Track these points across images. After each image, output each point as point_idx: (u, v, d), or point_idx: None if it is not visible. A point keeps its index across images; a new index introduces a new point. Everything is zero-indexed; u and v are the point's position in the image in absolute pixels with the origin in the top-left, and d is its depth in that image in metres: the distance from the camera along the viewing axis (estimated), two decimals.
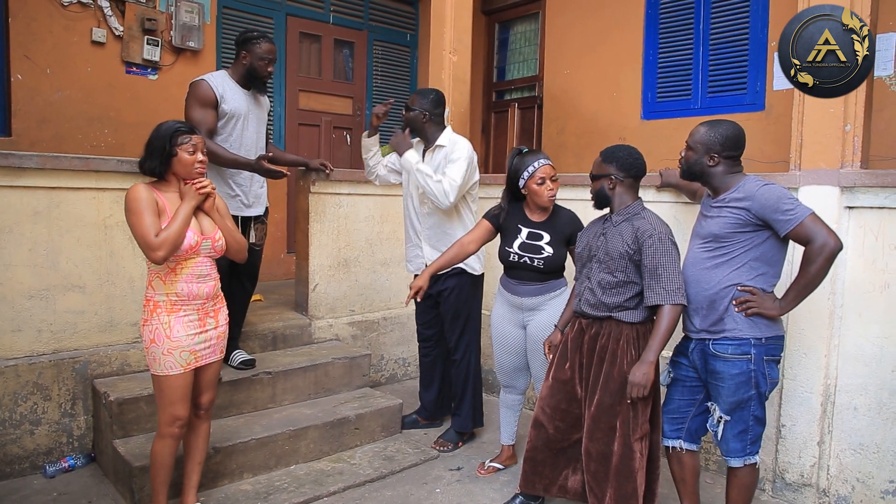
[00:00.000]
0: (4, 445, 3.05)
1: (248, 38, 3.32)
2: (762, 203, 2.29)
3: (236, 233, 2.67)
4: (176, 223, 2.38)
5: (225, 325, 2.64)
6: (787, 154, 3.32)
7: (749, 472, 2.47)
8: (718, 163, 2.41)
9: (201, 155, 2.50)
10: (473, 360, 3.59)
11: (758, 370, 2.36)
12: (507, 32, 6.63)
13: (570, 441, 2.69)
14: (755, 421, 2.42)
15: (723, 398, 2.41)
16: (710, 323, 2.41)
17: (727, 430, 2.43)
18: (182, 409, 2.50)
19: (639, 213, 2.54)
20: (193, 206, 2.46)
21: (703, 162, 2.43)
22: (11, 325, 3.10)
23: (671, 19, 4.97)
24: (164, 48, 4.93)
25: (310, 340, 4.13)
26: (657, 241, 2.43)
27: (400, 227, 4.50)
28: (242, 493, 2.98)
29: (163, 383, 2.46)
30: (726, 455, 2.48)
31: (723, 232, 2.39)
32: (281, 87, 5.80)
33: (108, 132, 4.76)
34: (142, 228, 2.35)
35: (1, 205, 3.05)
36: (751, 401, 2.38)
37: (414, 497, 3.06)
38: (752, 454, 2.45)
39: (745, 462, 2.45)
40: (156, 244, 2.34)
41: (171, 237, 2.36)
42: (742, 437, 2.42)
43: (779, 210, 2.27)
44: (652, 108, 5.11)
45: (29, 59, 4.39)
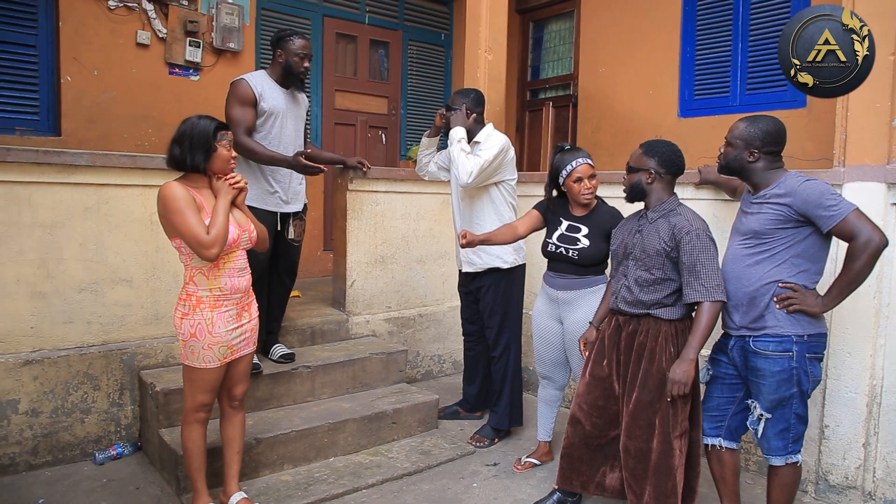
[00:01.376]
0: (57, 433, 3.17)
1: (281, 37, 3.38)
2: (804, 199, 2.26)
3: (259, 223, 2.73)
4: (220, 219, 2.43)
5: (257, 319, 2.71)
6: (828, 152, 3.27)
7: (791, 471, 2.43)
8: (758, 158, 2.38)
9: (234, 152, 2.58)
10: (513, 358, 3.61)
11: (800, 368, 2.33)
12: (541, 31, 6.63)
13: (608, 438, 2.69)
14: (797, 419, 2.38)
15: (763, 395, 2.39)
16: (751, 320, 2.39)
17: (768, 428, 2.40)
18: (210, 397, 2.57)
19: (675, 210, 2.53)
20: (229, 201, 2.51)
21: (743, 157, 2.41)
22: (63, 317, 3.22)
23: (709, 15, 4.92)
24: (205, 49, 5.04)
25: (347, 336, 4.18)
26: (695, 238, 2.42)
27: (436, 224, 4.55)
28: (283, 483, 3.04)
29: (196, 374, 2.52)
30: (767, 453, 2.45)
31: (763, 228, 2.36)
32: (317, 87, 5.88)
33: (151, 131, 4.89)
34: (190, 227, 2.37)
35: (53, 201, 3.16)
36: (792, 398, 2.35)
37: (451, 491, 3.09)
38: (794, 453, 2.42)
39: (786, 461, 2.41)
40: (209, 241, 2.37)
41: (222, 233, 2.41)
42: (784, 435, 2.39)
43: (821, 206, 2.23)
44: (689, 106, 5.06)
45: (77, 61, 4.53)
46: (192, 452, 2.60)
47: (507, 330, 3.55)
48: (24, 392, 3.08)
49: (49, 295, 3.17)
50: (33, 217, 3.10)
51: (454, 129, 3.47)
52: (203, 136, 2.48)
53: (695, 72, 5.02)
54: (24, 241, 3.09)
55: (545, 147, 6.38)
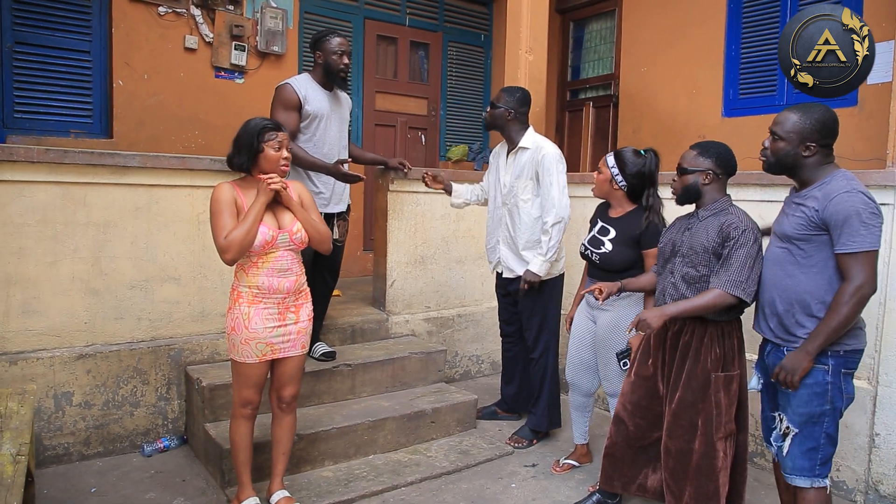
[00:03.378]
0: (108, 424, 3.28)
1: (319, 38, 3.42)
2: (834, 209, 2.08)
3: (320, 224, 2.67)
4: (245, 223, 2.44)
5: (307, 322, 2.68)
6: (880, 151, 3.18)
7: (818, 496, 2.23)
8: (815, 152, 2.19)
9: (286, 152, 2.57)
10: (551, 360, 3.60)
11: (834, 383, 2.17)
12: (581, 31, 6.58)
13: (651, 439, 2.66)
14: (827, 439, 2.20)
15: (793, 408, 2.22)
16: (786, 330, 2.26)
17: (794, 446, 2.23)
18: (253, 394, 2.59)
19: (726, 209, 2.49)
20: (264, 203, 2.49)
21: (798, 153, 2.20)
22: (115, 313, 3.33)
23: (755, 12, 4.82)
24: (249, 53, 5.15)
25: (387, 335, 4.22)
26: (741, 235, 2.37)
27: (475, 225, 4.56)
28: (324, 479, 3.09)
29: (239, 369, 2.58)
30: (791, 473, 2.25)
31: (795, 233, 2.20)
32: (358, 89, 5.96)
33: (197, 133, 5.01)
34: (216, 230, 2.46)
35: (106, 201, 3.27)
36: (824, 416, 2.18)
37: (490, 491, 3.09)
38: (822, 476, 2.23)
39: (813, 484, 2.22)
40: (222, 246, 2.42)
41: (238, 238, 2.42)
42: (812, 455, 2.21)
43: (846, 225, 2.06)
44: (733, 105, 4.96)
45: (129, 65, 4.68)
46: (237, 446, 2.66)
47: (547, 332, 3.54)
48: (78, 385, 3.20)
49: (101, 292, 3.28)
50: (87, 216, 3.22)
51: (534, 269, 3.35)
52: (249, 137, 2.54)
53: (740, 70, 4.92)
54: (79, 239, 3.21)
55: (585, 148, 6.32)
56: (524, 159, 3.44)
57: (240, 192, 2.55)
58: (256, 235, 2.46)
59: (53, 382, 3.14)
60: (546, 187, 3.34)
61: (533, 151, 3.42)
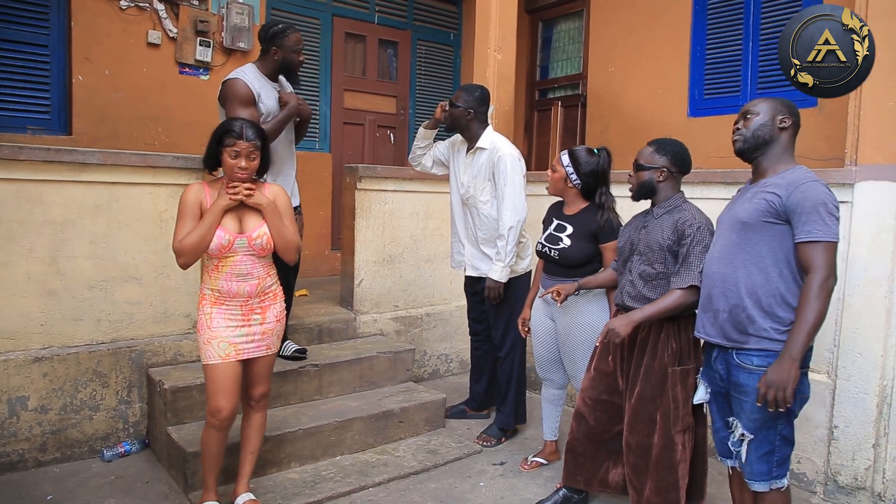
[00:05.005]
0: (66, 429, 3.19)
1: (276, 33, 3.29)
2: (799, 197, 2.04)
3: (289, 232, 2.59)
4: (200, 228, 2.41)
5: (275, 323, 2.63)
6: (840, 151, 3.24)
7: (778, 497, 2.21)
8: (788, 126, 2.18)
9: (244, 162, 2.45)
10: (518, 358, 3.60)
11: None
12: (550, 31, 6.62)
13: (612, 433, 2.69)
14: (782, 441, 2.17)
15: (746, 413, 2.16)
16: (735, 327, 2.17)
17: (751, 451, 2.17)
18: (223, 401, 2.52)
19: (680, 206, 2.53)
20: (222, 209, 2.44)
21: (774, 125, 2.18)
22: (73, 315, 3.24)
23: (720, 14, 4.90)
24: (215, 49, 5.07)
25: (354, 335, 4.19)
26: (696, 231, 2.41)
27: (444, 224, 4.54)
28: (290, 481, 3.05)
29: (207, 372, 2.53)
30: (749, 478, 2.21)
31: (751, 219, 2.14)
32: (326, 87, 5.90)
33: (161, 131, 4.92)
34: (175, 233, 2.44)
35: (65, 199, 3.18)
36: (778, 419, 2.12)
37: (458, 490, 3.08)
38: (780, 477, 2.19)
39: (771, 486, 2.19)
40: (176, 250, 2.41)
41: (191, 244, 2.39)
42: (768, 458, 2.17)
43: (810, 213, 2.02)
44: (699, 105, 5.04)
45: (89, 60, 4.56)
46: (206, 453, 2.62)
47: (513, 330, 3.54)
48: (34, 389, 3.10)
49: (59, 292, 3.19)
50: (45, 215, 3.13)
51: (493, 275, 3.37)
52: (213, 138, 2.51)
53: (705, 71, 4.99)
54: (35, 238, 3.11)
55: (553, 147, 6.36)
56: (482, 160, 3.44)
57: (208, 194, 2.50)
58: (211, 241, 2.42)
59: (7, 387, 3.04)
60: (501, 189, 3.34)
61: (490, 152, 3.41)
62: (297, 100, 3.33)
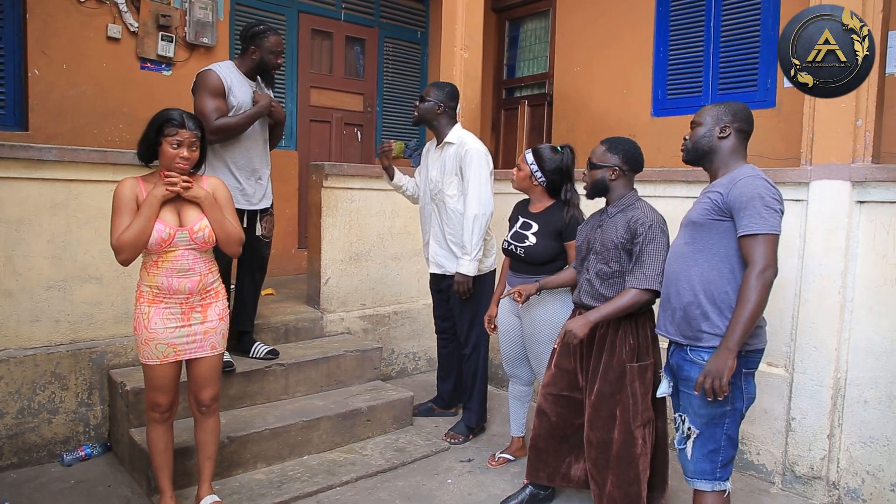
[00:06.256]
0: (23, 434, 3.10)
1: (256, 33, 3.29)
2: (738, 193, 2.08)
3: (230, 225, 2.52)
4: (137, 222, 2.32)
5: (217, 321, 2.54)
6: (796, 151, 3.33)
7: (717, 500, 2.18)
8: (729, 135, 2.21)
9: (186, 151, 2.40)
10: (482, 356, 3.63)
11: (734, 384, 2.11)
12: (517, 30, 6.66)
13: (573, 428, 2.73)
14: (728, 441, 2.16)
15: (693, 409, 2.17)
16: (689, 324, 2.19)
17: (696, 448, 2.18)
18: (162, 396, 2.48)
19: (633, 204, 2.58)
20: (158, 200, 2.36)
21: (714, 135, 2.22)
22: (30, 316, 3.15)
23: (682, 17, 4.98)
24: (178, 44, 4.98)
25: (321, 334, 4.16)
26: (648, 230, 2.45)
27: (411, 222, 4.54)
28: (256, 482, 3.02)
29: (145, 371, 2.49)
30: (692, 476, 2.20)
31: (700, 218, 2.18)
32: (292, 84, 5.84)
33: (122, 127, 4.81)
34: (111, 229, 2.35)
35: (20, 197, 3.10)
36: (724, 417, 2.14)
37: (426, 487, 3.09)
38: (723, 479, 2.18)
39: (714, 487, 2.17)
40: (115, 247, 2.32)
41: (129, 239, 2.31)
42: (713, 457, 2.16)
43: (748, 207, 2.05)
44: (662, 105, 5.12)
45: (46, 54, 4.44)
46: (152, 451, 2.58)
47: (478, 328, 3.56)
48: None
49: (15, 293, 3.10)
50: None
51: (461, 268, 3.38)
52: (150, 128, 2.43)
53: (668, 72, 5.08)
54: None
55: (521, 145, 6.40)
56: (449, 154, 3.46)
57: (143, 188, 2.42)
58: (151, 234, 2.34)
59: None
60: (467, 181, 3.37)
61: (457, 147, 3.44)
62: (270, 100, 3.30)
